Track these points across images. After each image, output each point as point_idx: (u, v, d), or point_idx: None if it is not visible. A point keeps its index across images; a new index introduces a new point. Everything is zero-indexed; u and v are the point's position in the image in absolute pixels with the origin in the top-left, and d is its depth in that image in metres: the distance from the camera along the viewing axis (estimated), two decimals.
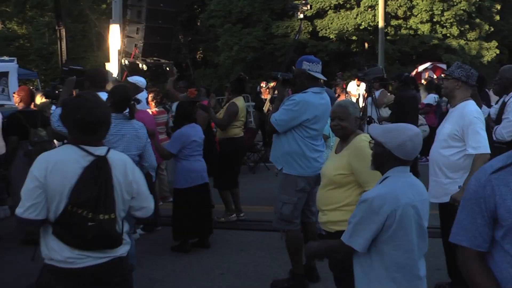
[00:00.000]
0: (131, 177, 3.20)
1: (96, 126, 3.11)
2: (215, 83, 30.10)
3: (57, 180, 2.95)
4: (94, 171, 3.01)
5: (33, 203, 2.94)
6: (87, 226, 2.94)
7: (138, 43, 13.68)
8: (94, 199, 2.97)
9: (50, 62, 31.54)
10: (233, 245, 6.92)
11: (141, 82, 8.37)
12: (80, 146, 3.06)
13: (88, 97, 3.20)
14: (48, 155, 3.09)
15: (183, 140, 6.59)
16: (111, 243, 3.07)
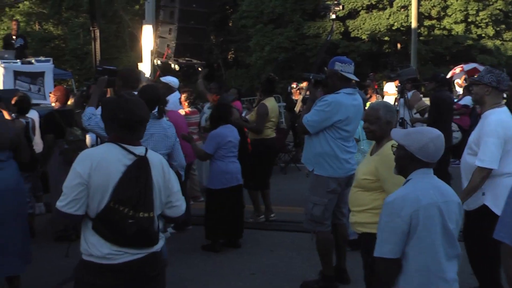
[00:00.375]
0: (167, 177, 3.30)
1: (137, 125, 3.21)
2: (246, 83, 30.12)
3: (101, 178, 3.04)
4: (136, 170, 3.10)
5: (74, 199, 3.02)
6: (127, 223, 3.03)
7: (171, 43, 13.78)
8: (135, 197, 3.06)
9: (84, 62, 31.95)
10: (263, 245, 6.92)
11: (174, 82, 8.47)
12: (121, 144, 3.16)
13: (129, 97, 3.30)
14: (92, 152, 3.21)
15: (219, 140, 6.63)
16: (149, 241, 3.15)
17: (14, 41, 13.46)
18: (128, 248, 3.08)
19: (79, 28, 32.33)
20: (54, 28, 36.64)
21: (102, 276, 3.07)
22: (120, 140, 3.17)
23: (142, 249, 3.13)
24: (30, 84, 12.28)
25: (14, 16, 32.51)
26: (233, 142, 6.76)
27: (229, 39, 34.39)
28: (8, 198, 4.79)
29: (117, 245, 3.06)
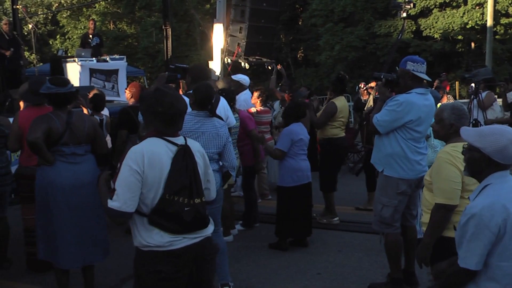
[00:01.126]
0: (206, 162, 3.46)
1: (177, 118, 3.28)
2: (315, 82, 30.03)
3: (154, 172, 3.13)
4: (182, 159, 3.20)
5: (132, 196, 3.10)
6: (184, 211, 3.16)
7: (241, 42, 13.90)
8: (188, 185, 3.18)
9: (156, 60, 32.66)
10: (331, 245, 6.88)
11: (245, 80, 8.52)
12: (163, 137, 3.24)
13: (167, 91, 3.35)
14: (142, 148, 3.20)
15: (292, 137, 6.66)
16: (204, 224, 3.31)
17: (91, 40, 13.90)
18: (186, 234, 3.21)
19: (152, 27, 33.06)
20: (127, 27, 37.63)
21: (166, 262, 3.18)
22: (161, 133, 3.25)
23: (198, 232, 3.28)
24: (105, 82, 12.67)
25: (90, 16, 33.60)
26: (304, 140, 6.78)
27: (298, 37, 34.36)
28: (86, 191, 4.96)
29: (176, 233, 3.18)
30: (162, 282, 3.19)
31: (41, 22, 36.70)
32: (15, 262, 6.28)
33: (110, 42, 32.99)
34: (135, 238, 3.25)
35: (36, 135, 4.77)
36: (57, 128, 4.85)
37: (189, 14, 33.25)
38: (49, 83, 5.00)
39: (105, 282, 5.70)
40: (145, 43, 33.57)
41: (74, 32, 35.85)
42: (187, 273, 3.25)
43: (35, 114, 5.18)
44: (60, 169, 4.88)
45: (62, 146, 4.88)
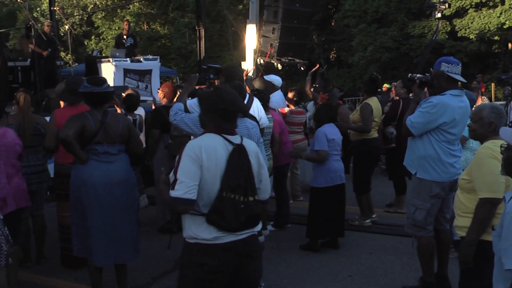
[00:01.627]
0: (261, 163, 3.52)
1: (236, 115, 3.43)
2: (348, 83, 29.87)
3: (211, 163, 3.23)
4: (238, 158, 3.30)
5: (194, 184, 3.19)
6: (240, 208, 3.24)
7: (274, 42, 13.91)
8: (243, 183, 3.26)
9: (189, 61, 32.88)
10: (362, 247, 6.84)
11: (277, 80, 8.53)
12: (220, 134, 3.34)
13: (226, 89, 3.52)
14: (200, 142, 3.32)
15: (327, 135, 6.64)
16: (256, 222, 3.40)
17: (125, 41, 14.06)
18: (238, 231, 3.30)
19: (185, 27, 33.30)
20: (161, 27, 37.94)
21: (210, 255, 3.26)
22: (220, 130, 3.36)
23: (248, 230, 3.35)
24: (138, 82, 12.82)
25: (124, 16, 33.98)
26: (337, 141, 6.74)
27: (331, 38, 34.22)
28: (118, 190, 5.02)
29: (230, 231, 3.26)
30: (205, 275, 3.27)
31: (77, 23, 37.25)
32: (51, 259, 6.40)
33: (144, 42, 33.31)
34: (184, 230, 3.36)
35: (67, 132, 4.85)
36: (91, 127, 4.92)
37: (222, 14, 33.39)
38: (87, 82, 5.09)
39: (137, 280, 5.77)
40: (178, 43, 33.82)
41: (108, 33, 36.31)
42: (231, 269, 3.33)
43: (71, 113, 5.27)
44: (93, 168, 4.95)
45: (96, 145, 4.95)
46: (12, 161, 5.17)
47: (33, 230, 6.34)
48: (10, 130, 5.28)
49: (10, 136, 5.11)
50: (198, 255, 3.27)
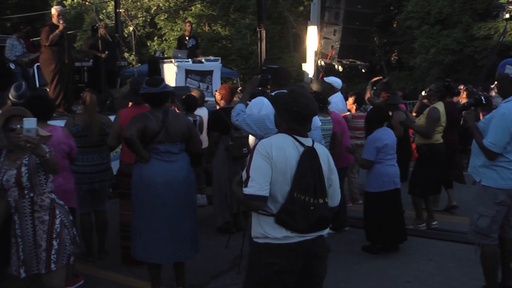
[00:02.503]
0: (331, 167, 3.53)
1: (310, 118, 3.45)
2: (409, 86, 29.34)
3: (281, 161, 3.28)
4: (309, 160, 3.33)
5: (266, 181, 3.25)
6: (310, 210, 3.28)
7: (335, 44, 13.84)
8: (313, 185, 3.29)
9: (249, 62, 33.06)
10: (421, 253, 6.70)
11: (337, 82, 8.48)
12: (292, 135, 3.40)
13: (302, 92, 3.55)
14: (270, 140, 3.40)
15: (376, 145, 6.53)
16: (325, 225, 3.42)
17: (187, 42, 14.25)
18: (307, 233, 3.33)
19: (245, 29, 33.49)
20: (222, 29, 38.29)
21: (278, 255, 3.31)
22: (292, 131, 3.41)
23: (316, 232, 3.38)
24: (200, 82, 12.97)
25: (186, 18, 34.45)
26: (391, 145, 6.61)
27: (392, 40, 33.71)
28: (179, 189, 5.10)
29: (298, 232, 3.30)
30: (274, 275, 3.33)
31: (140, 24, 38.04)
32: (111, 254, 6.57)
33: (205, 43, 33.68)
34: (253, 229, 3.43)
35: (131, 132, 4.96)
36: (153, 127, 5.02)
37: (283, 16, 33.39)
38: (145, 83, 5.19)
39: (194, 279, 5.83)
40: (238, 44, 34.06)
41: (170, 34, 36.90)
42: (298, 268, 3.36)
43: (135, 113, 5.37)
44: (155, 167, 5.05)
45: (158, 144, 5.05)
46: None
47: (95, 226, 6.52)
48: (59, 129, 5.38)
49: (56, 135, 5.14)
50: (267, 254, 3.32)
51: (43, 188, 4.21)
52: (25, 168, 4.12)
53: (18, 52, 11.72)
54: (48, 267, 4.15)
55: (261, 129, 4.61)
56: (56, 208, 4.27)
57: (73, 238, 4.39)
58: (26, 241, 4.17)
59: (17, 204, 4.17)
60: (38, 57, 10.39)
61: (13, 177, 4.12)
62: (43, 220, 4.18)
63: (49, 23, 9.67)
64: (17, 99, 6.04)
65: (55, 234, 4.20)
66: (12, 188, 4.16)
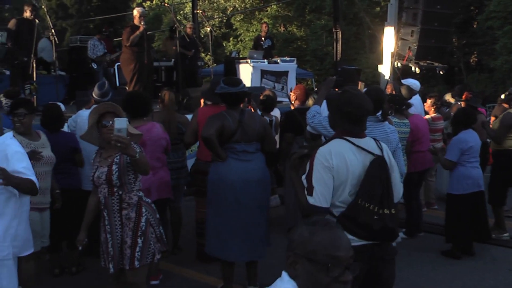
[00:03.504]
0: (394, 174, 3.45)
1: (364, 118, 3.41)
2: (489, 88, 28.37)
3: (342, 168, 3.25)
4: (377, 168, 3.29)
5: (328, 192, 3.25)
6: (373, 219, 3.23)
7: (412, 45, 13.57)
8: (379, 194, 3.24)
9: (324, 63, 32.87)
10: (500, 263, 6.47)
11: (415, 85, 8.31)
12: (348, 139, 3.34)
13: (355, 92, 3.49)
14: (328, 147, 3.36)
15: (461, 146, 6.43)
16: (391, 236, 3.37)
17: (263, 42, 14.35)
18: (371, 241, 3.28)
19: (321, 29, 33.32)
20: (297, 29, 38.25)
21: None
22: (347, 133, 3.37)
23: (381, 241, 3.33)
24: (275, 83, 13.03)
25: (262, 19, 34.63)
26: (475, 147, 6.49)
27: (472, 41, 32.66)
28: (254, 188, 5.16)
29: (361, 238, 3.25)
30: None
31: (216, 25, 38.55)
32: (185, 250, 6.70)
33: (280, 44, 33.73)
34: None
35: (210, 131, 5.05)
36: (230, 126, 5.10)
37: (359, 17, 33.01)
38: (223, 83, 5.27)
39: (266, 279, 5.84)
40: (314, 45, 33.92)
41: (246, 35, 37.17)
42: (363, 272, 3.29)
43: (212, 112, 5.48)
44: (231, 166, 5.12)
45: (234, 144, 5.12)
46: (157, 154, 5.51)
47: (170, 222, 6.67)
48: (157, 125, 5.60)
49: (156, 131, 5.43)
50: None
51: (131, 187, 4.24)
52: (115, 167, 4.15)
53: (99, 52, 12.18)
54: (131, 263, 4.20)
55: None
56: (143, 206, 4.29)
57: (159, 236, 4.41)
58: (114, 238, 4.24)
59: (106, 201, 4.23)
60: (119, 57, 10.75)
61: (104, 175, 4.17)
62: (129, 217, 4.22)
63: (130, 24, 9.97)
64: (100, 97, 6.29)
65: (140, 232, 4.23)
66: (102, 185, 4.22)
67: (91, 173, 4.32)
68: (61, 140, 5.82)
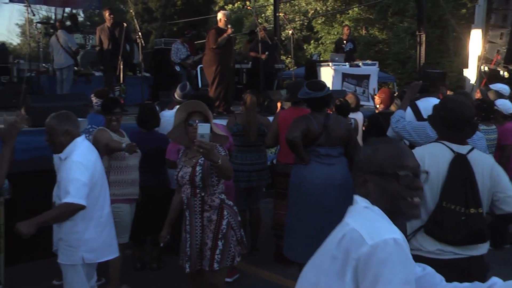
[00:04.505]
0: (495, 176, 3.32)
1: (459, 124, 3.31)
2: None
3: (434, 170, 3.20)
4: (458, 167, 3.20)
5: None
6: (460, 220, 3.14)
7: (501, 48, 13.09)
8: (464, 194, 3.15)
9: (406, 66, 32.22)
10: None
11: (505, 89, 8.02)
12: (443, 143, 3.30)
13: (453, 97, 3.48)
14: (423, 149, 3.35)
15: None
16: (479, 238, 3.23)
17: (344, 45, 14.23)
18: (455, 248, 3.18)
19: (403, 32, 32.70)
20: (379, 32, 37.69)
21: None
22: (445, 139, 3.31)
23: (467, 249, 3.21)
24: (356, 86, 12.89)
25: (343, 22, 34.38)
26: None
27: None
28: (337, 192, 5.08)
29: (449, 244, 3.17)
30: None
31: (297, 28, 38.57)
32: (263, 252, 6.72)
33: (362, 47, 33.34)
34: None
35: (295, 134, 5.05)
36: (315, 129, 5.08)
37: (443, 19, 32.16)
38: (307, 88, 5.24)
39: None
40: (396, 48, 33.31)
41: (327, 38, 36.97)
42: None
43: (293, 115, 5.48)
44: (314, 169, 5.09)
45: (318, 147, 5.09)
46: None
47: (249, 223, 6.70)
48: (220, 126, 5.66)
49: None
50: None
51: (214, 189, 4.23)
52: (199, 168, 4.14)
53: (182, 55, 12.46)
54: (211, 265, 4.19)
55: (421, 136, 4.45)
56: (225, 208, 4.26)
57: (240, 239, 4.37)
58: (193, 238, 4.25)
59: (189, 202, 4.25)
60: (201, 59, 10.93)
61: (188, 175, 4.18)
62: (211, 219, 4.21)
63: (215, 27, 10.09)
64: (182, 98, 6.41)
65: (221, 234, 4.21)
66: (185, 185, 4.24)
67: (176, 172, 4.37)
68: (153, 138, 6.01)
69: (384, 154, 2.07)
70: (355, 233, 1.93)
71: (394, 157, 2.06)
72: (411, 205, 2.05)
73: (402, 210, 2.05)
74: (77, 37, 14.20)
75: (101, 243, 4.21)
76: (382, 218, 2.00)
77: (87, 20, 43.70)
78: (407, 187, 2.04)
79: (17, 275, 5.30)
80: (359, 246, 1.87)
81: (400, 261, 1.82)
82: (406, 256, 1.87)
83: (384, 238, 1.84)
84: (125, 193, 5.31)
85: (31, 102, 7.63)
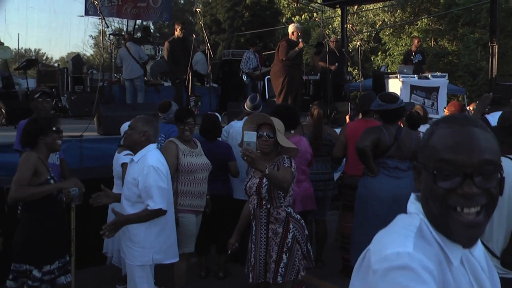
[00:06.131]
0: None
1: None
2: None
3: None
4: None
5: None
6: None
7: None
8: None
9: (477, 78, 31.42)
10: None
11: None
12: (509, 157, 3.16)
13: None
14: None
15: None
16: None
17: (413, 57, 14.01)
18: None
19: (474, 43, 31.91)
20: (448, 43, 36.93)
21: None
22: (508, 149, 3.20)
23: None
24: (425, 98, 12.66)
25: (412, 33, 33.90)
26: None
27: None
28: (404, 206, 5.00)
29: None
30: None
31: (365, 39, 38.27)
32: (328, 264, 6.66)
33: (431, 59, 32.74)
34: None
35: (365, 143, 5.03)
36: (386, 141, 5.04)
37: None
38: (380, 100, 5.20)
39: None
40: (466, 60, 32.54)
41: (394, 49, 36.53)
42: None
43: (362, 126, 5.46)
44: (382, 181, 5.04)
45: (387, 159, 5.05)
46: (302, 167, 5.58)
47: (315, 234, 6.68)
48: (304, 139, 5.68)
49: (303, 144, 5.52)
50: None
51: (280, 202, 4.22)
52: (266, 180, 4.14)
53: (252, 65, 12.55)
54: (275, 278, 4.18)
55: None
56: (291, 222, 4.25)
57: (305, 253, 4.34)
58: (258, 249, 4.28)
59: (255, 212, 4.28)
60: (269, 71, 11.02)
61: (255, 186, 4.22)
62: (276, 232, 4.22)
63: (286, 39, 10.16)
64: (252, 110, 6.48)
65: (286, 248, 4.20)
66: (253, 196, 4.28)
67: (245, 182, 4.42)
68: (216, 148, 6.08)
69: (433, 141, 1.49)
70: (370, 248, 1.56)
71: (441, 147, 1.45)
72: (459, 220, 1.43)
73: (447, 224, 1.45)
74: (148, 48, 14.60)
75: (169, 246, 4.46)
76: (406, 231, 1.54)
77: (157, 32, 44.84)
78: (451, 191, 1.43)
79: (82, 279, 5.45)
80: (368, 263, 1.47)
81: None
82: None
83: (385, 254, 1.40)
84: (191, 204, 5.39)
85: (104, 111, 7.90)
